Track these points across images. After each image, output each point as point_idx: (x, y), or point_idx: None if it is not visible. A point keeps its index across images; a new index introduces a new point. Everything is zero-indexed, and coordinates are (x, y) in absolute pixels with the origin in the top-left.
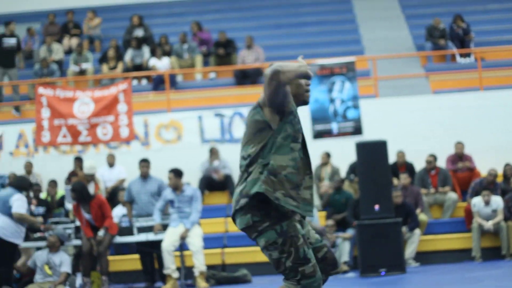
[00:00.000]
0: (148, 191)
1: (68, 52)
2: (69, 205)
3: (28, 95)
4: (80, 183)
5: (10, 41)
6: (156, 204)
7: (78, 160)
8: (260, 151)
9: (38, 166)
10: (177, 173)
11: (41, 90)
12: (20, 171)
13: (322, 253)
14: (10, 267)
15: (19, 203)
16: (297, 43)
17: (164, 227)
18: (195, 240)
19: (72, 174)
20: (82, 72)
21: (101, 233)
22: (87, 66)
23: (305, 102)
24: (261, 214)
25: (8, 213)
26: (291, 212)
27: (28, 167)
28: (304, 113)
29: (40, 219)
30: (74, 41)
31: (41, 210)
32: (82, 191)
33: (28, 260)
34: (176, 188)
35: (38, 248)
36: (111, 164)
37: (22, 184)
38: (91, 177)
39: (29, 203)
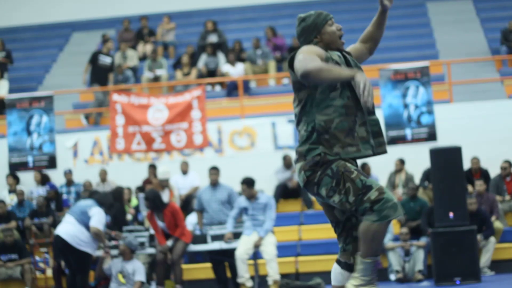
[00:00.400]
0: (218, 199)
1: (143, 58)
2: (143, 213)
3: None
4: (153, 191)
5: (106, 60)
6: (231, 212)
7: (152, 168)
8: (302, 110)
9: (112, 174)
10: (249, 184)
11: (115, 97)
12: (95, 179)
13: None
14: (85, 275)
15: (99, 217)
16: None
17: (236, 235)
18: (268, 249)
19: (147, 182)
20: (156, 79)
21: (169, 243)
22: (161, 72)
23: (339, 50)
24: (310, 167)
25: (85, 223)
26: (338, 156)
27: (103, 174)
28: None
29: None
30: (148, 48)
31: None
32: (155, 199)
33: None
34: (251, 196)
35: (114, 256)
36: (184, 171)
37: (104, 200)
38: (166, 183)
39: (125, 213)
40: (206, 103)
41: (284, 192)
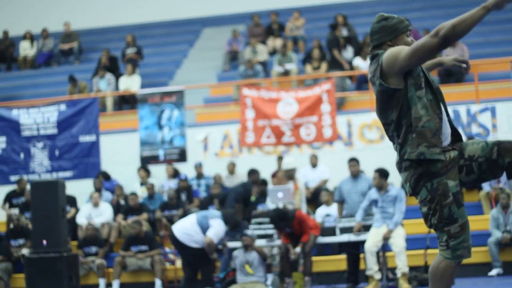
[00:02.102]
0: (359, 190)
1: (272, 53)
2: (271, 206)
3: (233, 96)
4: (277, 211)
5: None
6: (361, 203)
7: (281, 160)
8: (400, 113)
9: (242, 167)
10: (382, 173)
11: (245, 91)
12: (225, 172)
13: (495, 152)
14: (207, 269)
15: (217, 230)
16: (502, 40)
17: (366, 227)
18: (398, 241)
19: (274, 175)
20: (286, 73)
21: (298, 249)
22: (291, 66)
23: None
24: (415, 179)
25: (203, 226)
26: (444, 169)
27: (231, 167)
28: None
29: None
30: (278, 42)
31: None
32: (280, 219)
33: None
34: (381, 187)
35: (234, 249)
36: (314, 164)
37: (229, 219)
38: (291, 173)
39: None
40: (336, 96)
41: None
